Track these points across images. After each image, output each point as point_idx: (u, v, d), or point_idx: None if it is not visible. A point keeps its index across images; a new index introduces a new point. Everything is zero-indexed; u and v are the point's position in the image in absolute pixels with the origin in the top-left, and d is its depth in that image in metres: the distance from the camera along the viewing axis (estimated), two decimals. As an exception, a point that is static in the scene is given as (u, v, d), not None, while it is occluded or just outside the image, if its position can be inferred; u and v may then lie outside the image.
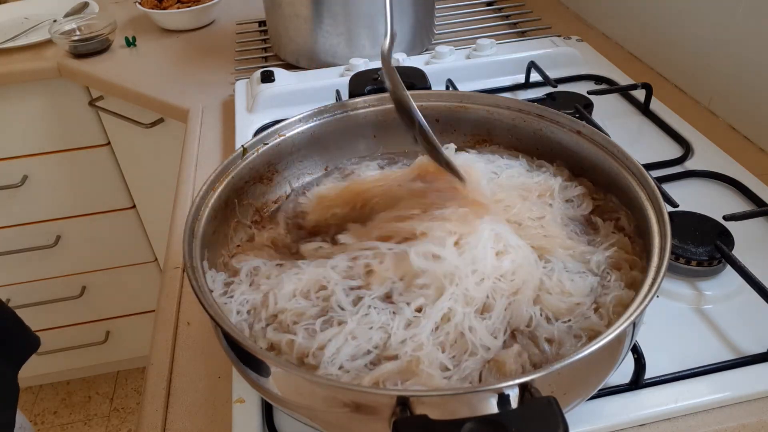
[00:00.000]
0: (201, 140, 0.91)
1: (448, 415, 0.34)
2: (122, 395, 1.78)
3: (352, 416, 0.38)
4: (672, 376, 0.50)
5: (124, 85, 1.09)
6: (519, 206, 0.54)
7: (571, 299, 0.47)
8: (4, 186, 1.30)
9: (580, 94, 0.85)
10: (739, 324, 0.55)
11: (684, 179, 0.72)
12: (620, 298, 0.47)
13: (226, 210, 0.56)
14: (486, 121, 0.65)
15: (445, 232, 0.49)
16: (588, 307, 0.47)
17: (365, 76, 0.71)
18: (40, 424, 1.72)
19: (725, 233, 0.60)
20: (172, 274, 0.68)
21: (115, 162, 1.33)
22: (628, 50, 1.06)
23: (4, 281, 1.47)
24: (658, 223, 0.47)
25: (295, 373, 0.39)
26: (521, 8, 1.24)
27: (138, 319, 1.62)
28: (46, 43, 1.22)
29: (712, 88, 0.87)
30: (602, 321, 0.45)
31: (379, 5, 0.98)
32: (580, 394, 0.42)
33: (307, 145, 0.64)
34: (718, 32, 0.84)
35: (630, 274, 0.49)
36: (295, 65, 1.06)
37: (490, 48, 0.97)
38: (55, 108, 1.24)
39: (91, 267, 1.50)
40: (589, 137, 0.58)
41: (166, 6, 1.27)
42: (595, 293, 0.48)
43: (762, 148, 0.79)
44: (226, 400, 0.53)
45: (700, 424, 0.48)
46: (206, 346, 0.59)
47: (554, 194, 0.57)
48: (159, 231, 1.45)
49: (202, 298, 0.43)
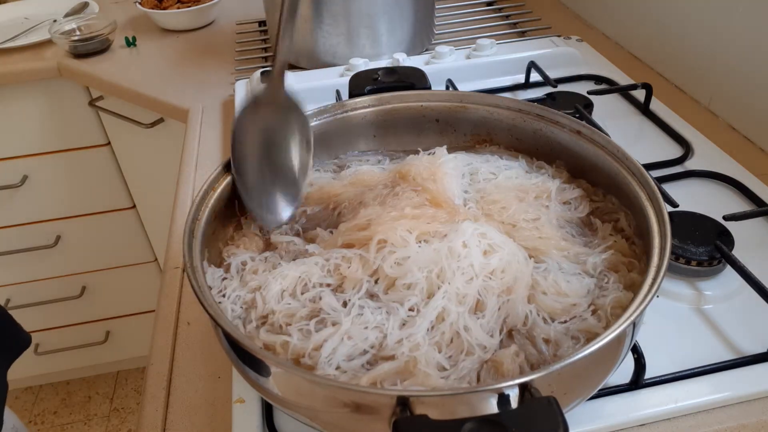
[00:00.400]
0: (201, 140, 0.91)
1: (448, 415, 0.34)
2: (122, 395, 1.78)
3: (352, 416, 0.38)
4: (672, 376, 0.50)
5: (124, 85, 1.09)
6: (515, 207, 0.55)
7: (567, 300, 0.47)
8: (4, 186, 1.30)
9: (580, 94, 0.85)
10: (739, 324, 0.55)
11: (684, 179, 0.72)
12: (619, 300, 0.46)
13: (226, 210, 0.56)
14: (486, 121, 0.65)
15: (404, 232, 0.50)
16: (585, 309, 0.47)
17: (365, 76, 0.71)
18: (40, 424, 1.72)
19: (725, 233, 0.60)
20: (172, 274, 0.68)
21: (115, 162, 1.33)
22: (628, 50, 1.06)
23: (4, 281, 1.47)
24: (658, 223, 0.47)
25: (296, 373, 0.39)
26: (521, 8, 1.24)
27: (138, 319, 1.62)
28: (46, 43, 1.22)
29: (712, 88, 0.87)
30: (600, 323, 0.45)
31: (379, 5, 0.99)
32: (580, 394, 0.42)
33: (307, 145, 0.64)
34: (718, 32, 0.84)
35: (628, 276, 0.49)
36: (295, 65, 1.06)
37: (490, 48, 0.97)
38: (55, 108, 1.24)
39: (91, 267, 1.50)
40: (589, 137, 0.58)
41: (166, 6, 1.27)
42: (592, 295, 0.48)
43: (762, 148, 0.79)
44: (226, 400, 0.53)
45: (700, 424, 0.48)
46: (206, 346, 0.59)
47: (551, 196, 0.57)
48: (159, 231, 1.45)
49: (202, 298, 0.43)
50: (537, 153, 0.63)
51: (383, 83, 0.70)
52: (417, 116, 0.66)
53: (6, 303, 1.49)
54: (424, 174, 0.58)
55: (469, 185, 0.60)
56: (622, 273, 0.50)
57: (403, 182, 0.58)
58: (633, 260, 0.51)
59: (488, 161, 0.62)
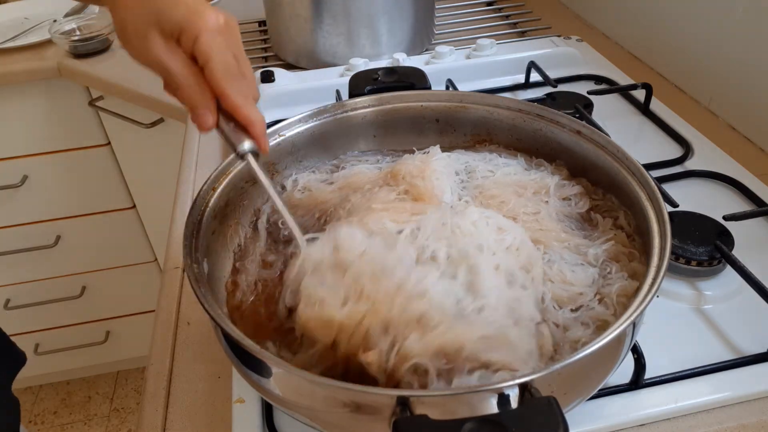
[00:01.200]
0: (201, 140, 0.91)
1: (448, 415, 0.34)
2: (122, 395, 1.78)
3: (353, 416, 0.38)
4: (672, 376, 0.50)
5: (124, 85, 1.09)
6: (514, 202, 0.55)
7: (573, 288, 0.47)
8: (4, 186, 1.30)
9: (580, 94, 0.85)
10: (739, 324, 0.55)
11: (684, 179, 0.72)
12: (624, 288, 0.47)
13: (226, 210, 0.56)
14: (486, 121, 0.65)
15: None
16: (591, 299, 0.47)
17: (365, 76, 0.71)
18: (40, 424, 1.72)
19: (725, 233, 0.60)
20: (172, 274, 0.68)
21: (115, 162, 1.33)
22: (628, 50, 1.06)
23: (4, 281, 1.47)
24: (658, 223, 0.47)
25: (296, 374, 0.39)
26: (521, 8, 1.24)
27: (138, 319, 1.62)
28: (46, 43, 1.22)
29: (712, 88, 0.87)
30: (608, 310, 0.46)
31: (379, 5, 0.99)
32: (580, 394, 0.42)
33: (307, 145, 0.64)
34: (718, 32, 0.84)
35: (629, 265, 0.50)
36: (295, 65, 1.06)
37: (490, 48, 0.97)
38: (55, 108, 1.24)
39: (91, 267, 1.50)
40: (589, 137, 0.58)
41: (166, 6, 1.26)
42: (597, 284, 0.48)
43: (762, 148, 0.79)
44: (226, 400, 0.53)
45: (700, 424, 0.48)
46: (206, 346, 0.59)
47: (550, 192, 0.57)
48: (159, 231, 1.45)
49: (202, 298, 0.43)
50: (537, 153, 0.63)
51: (383, 83, 0.70)
52: (417, 116, 0.66)
53: (6, 303, 1.49)
54: (414, 172, 0.58)
55: (467, 182, 0.60)
56: (623, 263, 0.50)
57: (392, 181, 0.58)
58: (633, 251, 0.51)
59: (486, 159, 0.62)
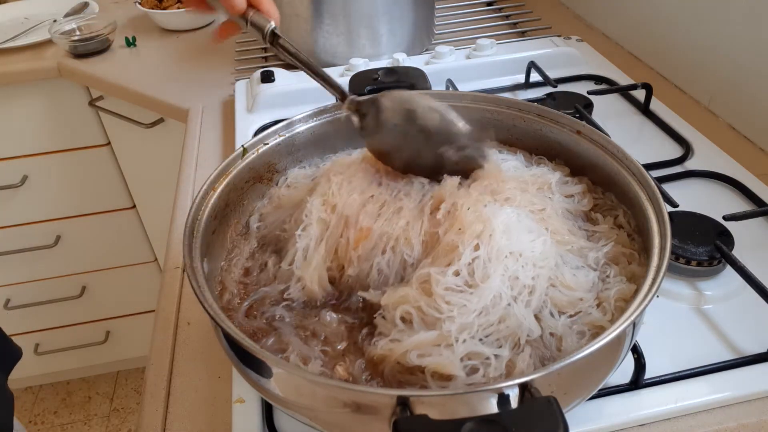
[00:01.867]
0: (201, 140, 0.91)
1: (448, 415, 0.34)
2: (122, 395, 1.78)
3: (353, 416, 0.38)
4: (672, 376, 0.50)
5: (124, 85, 1.09)
6: (519, 198, 0.54)
7: (573, 293, 0.47)
8: (4, 186, 1.30)
9: (580, 94, 0.85)
10: (739, 324, 0.55)
11: (684, 179, 0.72)
12: (622, 292, 0.47)
13: (226, 210, 0.56)
14: (486, 121, 0.65)
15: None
16: (590, 304, 0.47)
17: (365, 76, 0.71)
18: (40, 424, 1.72)
19: (725, 233, 0.60)
20: (172, 274, 0.68)
21: (115, 162, 1.33)
22: (628, 50, 1.06)
23: (4, 281, 1.47)
24: (658, 223, 0.47)
25: (296, 374, 0.39)
26: (521, 8, 1.24)
27: (138, 319, 1.62)
28: (46, 43, 1.22)
29: (712, 88, 0.87)
30: (605, 316, 0.46)
31: (379, 5, 0.99)
32: (580, 394, 0.42)
33: (307, 145, 0.64)
34: (718, 32, 0.84)
35: (628, 268, 0.50)
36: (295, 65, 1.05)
37: (490, 48, 0.97)
38: (55, 108, 1.24)
39: (91, 267, 1.50)
40: (588, 137, 0.58)
41: (166, 6, 1.27)
42: (597, 289, 0.48)
43: (762, 148, 0.79)
44: (226, 400, 0.53)
45: (700, 424, 0.48)
46: (206, 346, 0.59)
47: (552, 188, 0.56)
48: (159, 231, 1.45)
49: (202, 299, 0.43)
50: (537, 152, 0.63)
51: (383, 83, 0.70)
52: (417, 116, 0.66)
53: (6, 303, 1.49)
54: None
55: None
56: (622, 265, 0.50)
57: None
58: (633, 251, 0.51)
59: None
